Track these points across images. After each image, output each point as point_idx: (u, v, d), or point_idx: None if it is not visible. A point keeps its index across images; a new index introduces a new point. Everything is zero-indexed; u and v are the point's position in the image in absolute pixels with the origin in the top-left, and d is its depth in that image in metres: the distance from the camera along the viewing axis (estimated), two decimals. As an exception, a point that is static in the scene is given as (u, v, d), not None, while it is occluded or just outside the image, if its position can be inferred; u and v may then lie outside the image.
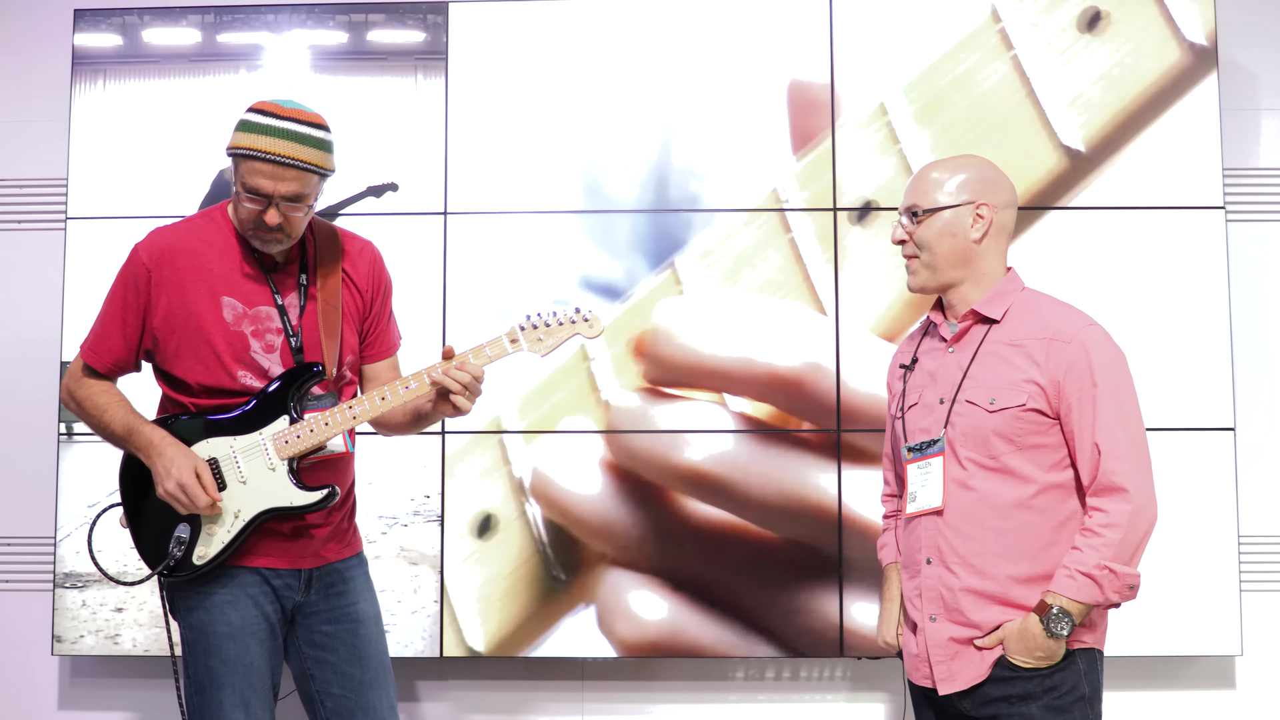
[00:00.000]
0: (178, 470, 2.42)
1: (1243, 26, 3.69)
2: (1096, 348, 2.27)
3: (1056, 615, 2.19)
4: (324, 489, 2.49)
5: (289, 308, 2.54)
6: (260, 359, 2.51)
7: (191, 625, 2.52)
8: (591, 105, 3.62)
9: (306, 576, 2.57)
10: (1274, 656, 3.64)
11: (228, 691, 2.48)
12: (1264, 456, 3.66)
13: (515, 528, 3.49)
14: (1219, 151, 3.48)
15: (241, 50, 3.67)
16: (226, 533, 2.46)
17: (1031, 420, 2.26)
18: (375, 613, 2.66)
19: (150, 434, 2.47)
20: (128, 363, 2.57)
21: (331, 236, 2.64)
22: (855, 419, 3.47)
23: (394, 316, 2.76)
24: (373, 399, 2.50)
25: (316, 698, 2.60)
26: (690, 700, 3.67)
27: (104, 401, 2.54)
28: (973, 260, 2.36)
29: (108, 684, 3.73)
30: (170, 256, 2.50)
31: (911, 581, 2.38)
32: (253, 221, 2.44)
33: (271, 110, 2.45)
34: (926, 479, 2.34)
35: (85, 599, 3.51)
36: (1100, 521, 2.20)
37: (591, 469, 3.49)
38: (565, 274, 3.57)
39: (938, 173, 2.40)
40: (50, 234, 3.77)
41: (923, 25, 3.56)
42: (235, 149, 2.43)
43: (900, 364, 2.52)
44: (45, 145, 3.80)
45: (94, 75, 3.66)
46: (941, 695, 2.31)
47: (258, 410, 2.49)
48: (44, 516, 3.63)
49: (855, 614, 3.43)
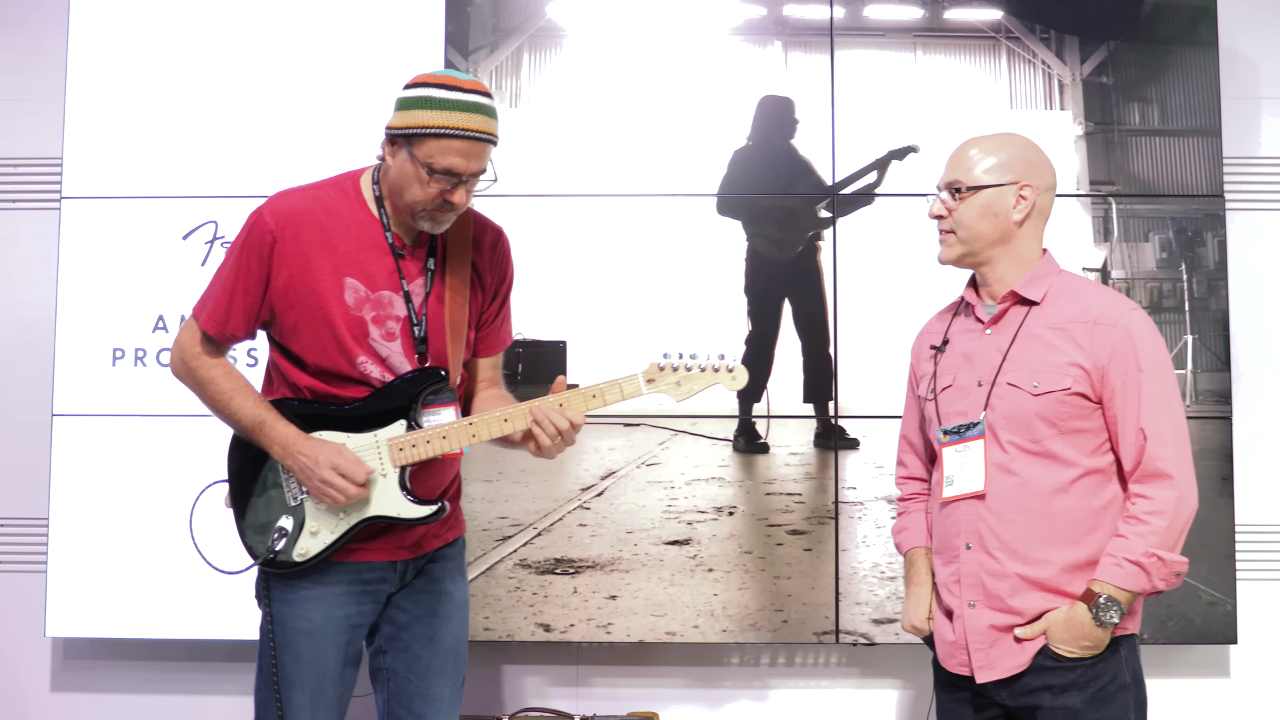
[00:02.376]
0: (326, 459, 2.30)
1: (1244, 15, 3.68)
2: (1141, 332, 2.23)
3: (1105, 604, 2.16)
4: (434, 504, 2.38)
5: (413, 294, 2.39)
6: (379, 347, 2.37)
7: (272, 616, 2.40)
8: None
9: (403, 568, 2.46)
10: (1269, 645, 3.64)
11: (297, 691, 2.37)
12: (1261, 445, 3.65)
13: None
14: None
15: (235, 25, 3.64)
16: (330, 533, 2.36)
17: (1075, 404, 2.22)
18: (462, 596, 2.56)
19: (284, 430, 2.34)
20: (245, 333, 2.42)
21: (462, 221, 2.46)
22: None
23: (510, 313, 2.62)
24: (497, 420, 2.36)
25: (383, 674, 2.50)
26: (686, 686, 3.67)
27: (229, 386, 2.39)
28: (1011, 241, 2.31)
29: (101, 666, 3.72)
30: (296, 226, 2.35)
31: (948, 567, 2.33)
32: (434, 202, 2.29)
33: (452, 84, 2.28)
34: (965, 463, 2.29)
35: (80, 580, 3.50)
36: (1145, 508, 2.17)
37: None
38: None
39: (981, 149, 2.34)
40: (45, 213, 3.75)
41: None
42: (423, 128, 2.25)
43: (930, 345, 2.46)
44: (40, 124, 3.77)
45: (90, 53, 3.63)
46: (979, 682, 2.27)
47: (374, 409, 2.37)
48: (37, 497, 3.61)
49: (850, 600, 3.43)
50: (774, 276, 3.54)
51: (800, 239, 3.53)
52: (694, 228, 3.55)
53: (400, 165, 2.30)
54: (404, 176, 2.29)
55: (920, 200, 3.50)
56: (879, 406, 3.49)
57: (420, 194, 2.29)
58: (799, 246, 3.53)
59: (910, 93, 3.60)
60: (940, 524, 2.36)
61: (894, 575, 3.43)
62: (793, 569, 3.46)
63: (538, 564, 3.47)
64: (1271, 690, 3.65)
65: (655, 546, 3.47)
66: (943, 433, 2.35)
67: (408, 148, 2.28)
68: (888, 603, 3.42)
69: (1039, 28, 3.59)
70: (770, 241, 3.53)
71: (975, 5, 3.61)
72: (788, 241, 3.54)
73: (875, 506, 3.47)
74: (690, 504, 3.49)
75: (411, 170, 2.28)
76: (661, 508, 3.49)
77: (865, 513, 3.47)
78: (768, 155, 3.56)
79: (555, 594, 3.46)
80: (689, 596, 3.45)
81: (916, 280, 3.52)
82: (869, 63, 3.60)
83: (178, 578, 3.48)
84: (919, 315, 2.62)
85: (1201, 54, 3.54)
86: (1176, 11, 3.56)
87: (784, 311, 3.54)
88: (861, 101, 3.58)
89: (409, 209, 2.33)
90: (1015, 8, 3.59)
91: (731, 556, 3.47)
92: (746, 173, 3.56)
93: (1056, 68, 3.59)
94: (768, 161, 3.56)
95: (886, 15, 3.63)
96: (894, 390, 3.48)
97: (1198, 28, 3.54)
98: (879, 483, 3.48)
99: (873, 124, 3.57)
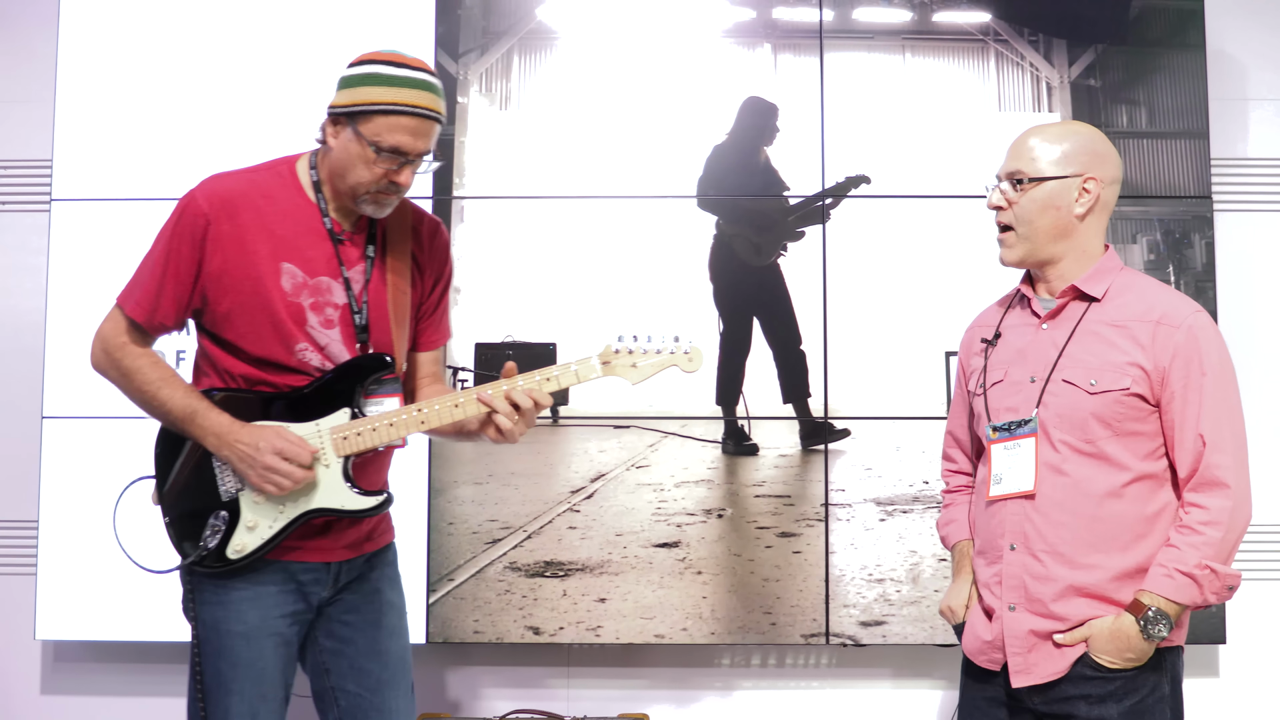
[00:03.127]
0: (268, 444, 2.18)
1: (1231, 17, 3.70)
2: (1205, 335, 2.15)
3: (1154, 616, 2.06)
4: (379, 495, 2.30)
5: (353, 281, 2.29)
6: (318, 334, 2.27)
7: (205, 622, 2.28)
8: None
9: (336, 570, 2.34)
10: (1258, 645, 3.65)
11: (236, 698, 2.25)
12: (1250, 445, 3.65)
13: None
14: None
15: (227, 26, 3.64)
16: (268, 528, 2.24)
17: (1132, 405, 2.12)
18: (400, 604, 2.45)
19: (219, 419, 2.22)
20: (174, 322, 2.30)
21: (401, 209, 2.36)
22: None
23: (448, 308, 2.54)
24: (446, 405, 2.27)
25: (329, 694, 2.37)
26: (676, 687, 3.67)
27: (156, 376, 2.26)
28: (1073, 235, 2.20)
29: (91, 669, 3.72)
30: (231, 209, 2.24)
31: (990, 568, 2.23)
32: (379, 184, 2.21)
33: (399, 60, 2.21)
34: (1014, 461, 2.19)
35: (70, 583, 3.49)
36: (1200, 519, 2.08)
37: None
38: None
39: (1044, 139, 2.22)
40: (35, 216, 3.74)
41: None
42: (370, 104, 2.17)
43: (981, 339, 2.35)
44: (30, 126, 3.77)
45: (81, 54, 3.63)
46: (1014, 687, 2.18)
47: (316, 397, 2.26)
48: (27, 500, 3.61)
49: (839, 602, 3.44)
50: (743, 280, 3.54)
51: (777, 245, 3.54)
52: (685, 230, 3.56)
53: (344, 145, 2.22)
54: (348, 157, 2.21)
55: (910, 203, 3.52)
56: (864, 408, 3.50)
57: (366, 174, 2.21)
58: (776, 252, 3.54)
59: (899, 95, 3.61)
60: (985, 523, 2.26)
61: (882, 578, 3.44)
62: (781, 571, 3.46)
63: (527, 566, 3.47)
64: (1261, 690, 3.66)
65: (644, 549, 3.48)
66: (991, 429, 2.24)
67: (352, 126, 2.20)
68: (875, 605, 3.43)
69: (1027, 31, 3.60)
70: (749, 244, 3.54)
71: (964, 8, 3.62)
72: (766, 246, 3.54)
73: (864, 509, 3.48)
74: (679, 506, 3.50)
75: (357, 150, 2.20)
76: (651, 510, 3.49)
77: (853, 515, 3.48)
78: (744, 157, 3.57)
79: (545, 596, 3.46)
80: (678, 599, 3.45)
81: (904, 282, 3.54)
82: (858, 65, 3.61)
83: (167, 581, 3.46)
84: (906, 316, 2.62)
85: (1189, 56, 3.55)
86: (1164, 14, 3.57)
87: (772, 313, 3.55)
88: (850, 104, 3.59)
89: (352, 191, 2.24)
90: (1003, 11, 3.60)
91: (720, 559, 3.47)
92: (722, 170, 3.57)
93: (1044, 70, 3.60)
94: (741, 165, 3.56)
95: (875, 18, 3.64)
96: (880, 391, 3.51)
97: (1185, 30, 3.56)
98: (867, 485, 3.49)
99: (861, 126, 3.58)
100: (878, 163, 3.54)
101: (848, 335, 3.51)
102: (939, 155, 3.57)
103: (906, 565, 3.44)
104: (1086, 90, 3.58)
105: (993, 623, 2.22)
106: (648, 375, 2.30)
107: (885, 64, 3.63)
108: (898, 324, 3.52)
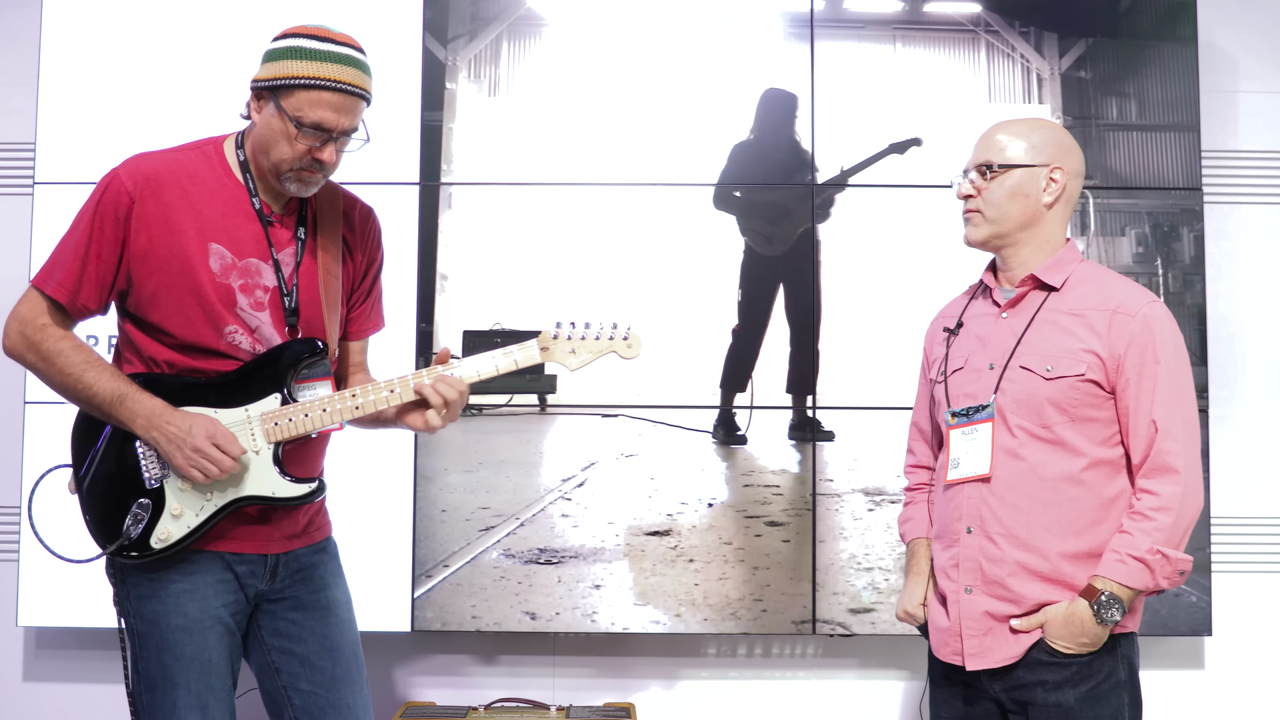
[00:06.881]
0: (201, 429, 2.13)
1: (1222, 9, 3.70)
2: (1160, 324, 2.19)
3: (1107, 601, 2.11)
4: (311, 482, 2.25)
5: (283, 263, 2.25)
6: (248, 316, 2.22)
7: (143, 616, 2.22)
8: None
9: (273, 562, 2.29)
10: (1242, 637, 3.67)
11: (182, 691, 2.19)
12: (1236, 438, 3.68)
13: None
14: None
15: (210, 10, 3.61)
16: (195, 516, 2.19)
17: (1087, 391, 2.18)
18: (347, 599, 2.40)
19: (150, 402, 2.15)
20: (97, 304, 2.22)
21: (332, 193, 2.34)
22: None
23: (381, 296, 2.49)
24: (382, 392, 2.24)
25: (282, 694, 2.32)
26: (663, 676, 3.66)
27: (80, 360, 2.18)
28: (1038, 224, 2.27)
29: (74, 655, 3.69)
30: (156, 188, 2.19)
31: (947, 551, 2.28)
32: (301, 161, 2.17)
33: (324, 35, 2.18)
34: (972, 445, 2.24)
35: (52, 569, 3.46)
36: (1151, 505, 2.13)
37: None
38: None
39: (1013, 131, 2.30)
40: (19, 199, 3.71)
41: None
42: (292, 79, 2.14)
43: (944, 328, 2.42)
44: (13, 108, 3.73)
45: (64, 37, 3.59)
46: (969, 670, 2.23)
47: (245, 382, 2.21)
48: (9, 485, 3.58)
49: (828, 590, 3.44)
50: (767, 270, 3.54)
51: (792, 234, 3.53)
52: (674, 217, 3.55)
53: (267, 120, 2.18)
54: (270, 132, 2.17)
55: (904, 192, 3.52)
56: (857, 398, 3.50)
57: (288, 151, 2.16)
58: (790, 242, 3.53)
59: (889, 85, 3.60)
60: (942, 507, 2.31)
61: (870, 566, 3.44)
62: (771, 560, 3.46)
63: (521, 554, 3.46)
64: (1245, 682, 3.68)
65: (636, 537, 3.47)
66: (950, 415, 2.30)
67: (275, 100, 2.16)
68: (864, 593, 3.43)
69: (1018, 22, 3.60)
70: (760, 236, 3.53)
71: (955, -2, 3.62)
72: (778, 236, 3.53)
73: (852, 498, 3.48)
74: (671, 495, 3.49)
75: (279, 125, 2.16)
76: (642, 499, 3.49)
77: (842, 504, 3.48)
78: (765, 150, 3.56)
79: (540, 583, 3.45)
80: (670, 586, 3.45)
81: (899, 273, 3.54)
82: (848, 54, 3.60)
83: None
84: (901, 308, 2.62)
85: (1180, 48, 3.56)
86: (1155, 6, 3.57)
87: (775, 303, 3.54)
88: (841, 93, 3.58)
89: (275, 168, 2.20)
90: (995, 2, 3.60)
91: (711, 547, 3.47)
92: (744, 166, 3.56)
93: (1035, 62, 3.60)
94: (763, 156, 3.56)
95: (866, 7, 3.63)
96: (873, 383, 3.51)
97: (1176, 22, 3.56)
98: (856, 475, 3.49)
99: (852, 115, 3.57)
100: (867, 152, 3.54)
101: (837, 325, 3.51)
102: (929, 145, 3.56)
103: (894, 555, 3.44)
104: (1077, 82, 3.59)
105: (949, 609, 2.27)
106: (586, 362, 2.31)
107: (876, 53, 3.62)
108: (887, 314, 3.51)
